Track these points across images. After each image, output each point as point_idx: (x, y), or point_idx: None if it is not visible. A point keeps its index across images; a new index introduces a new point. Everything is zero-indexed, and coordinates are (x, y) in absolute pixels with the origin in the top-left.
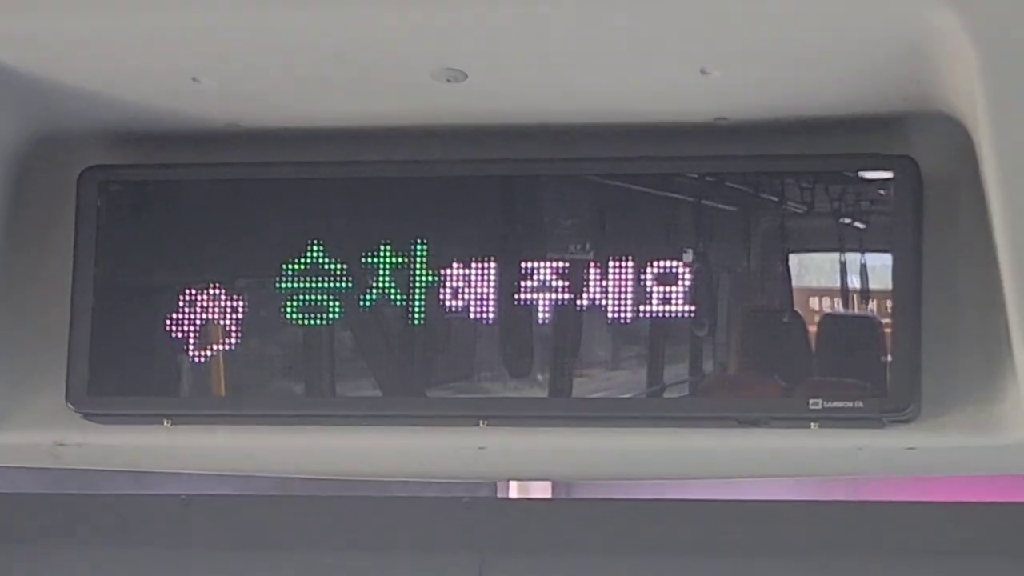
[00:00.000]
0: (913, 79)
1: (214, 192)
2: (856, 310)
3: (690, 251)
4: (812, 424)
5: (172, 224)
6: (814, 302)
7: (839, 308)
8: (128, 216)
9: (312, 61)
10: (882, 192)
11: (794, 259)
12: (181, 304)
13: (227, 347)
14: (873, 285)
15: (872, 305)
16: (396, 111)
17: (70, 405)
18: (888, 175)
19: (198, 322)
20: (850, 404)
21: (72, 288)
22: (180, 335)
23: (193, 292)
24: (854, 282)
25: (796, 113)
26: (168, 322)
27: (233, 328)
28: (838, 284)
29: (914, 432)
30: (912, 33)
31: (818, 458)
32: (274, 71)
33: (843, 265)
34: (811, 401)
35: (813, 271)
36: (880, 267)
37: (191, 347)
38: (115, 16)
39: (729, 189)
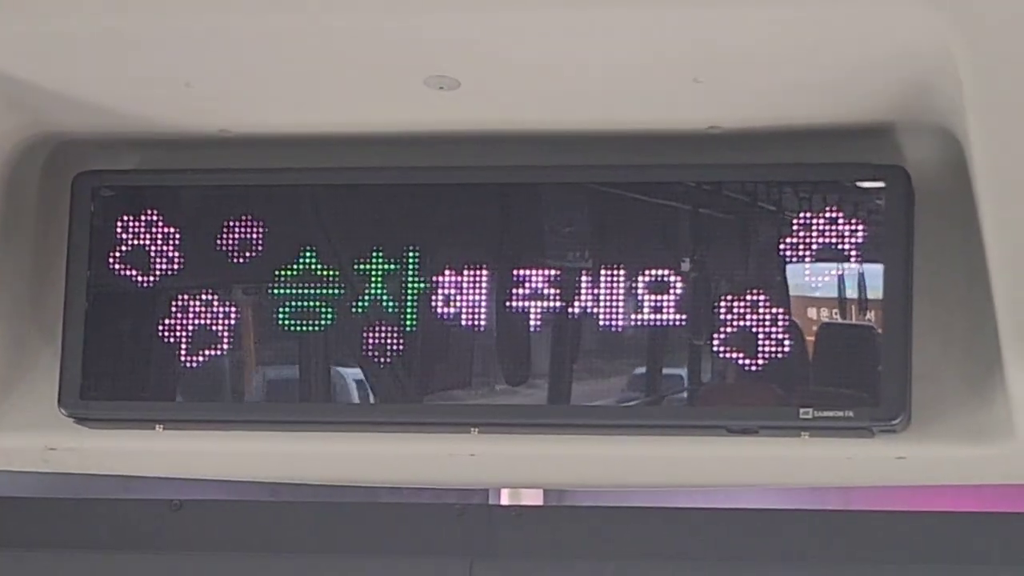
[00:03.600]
0: (904, 90)
1: (206, 198)
2: (846, 320)
3: (682, 259)
4: (803, 434)
5: (165, 229)
6: (805, 312)
7: (829, 318)
8: (121, 221)
9: (304, 68)
10: (873, 201)
11: (785, 268)
12: (173, 309)
13: (219, 352)
14: (863, 295)
15: (862, 315)
16: (389, 118)
17: (62, 409)
18: (879, 185)
19: (190, 327)
20: (840, 414)
21: (65, 292)
22: (172, 340)
23: (185, 297)
24: (844, 292)
25: (788, 123)
26: (160, 327)
27: (225, 333)
28: (828, 294)
29: (904, 441)
30: (903, 45)
31: (809, 467)
32: (266, 78)
33: (833, 274)
34: (802, 411)
35: (803, 280)
36: (871, 277)
37: (183, 352)
38: (109, 21)
39: (721, 197)
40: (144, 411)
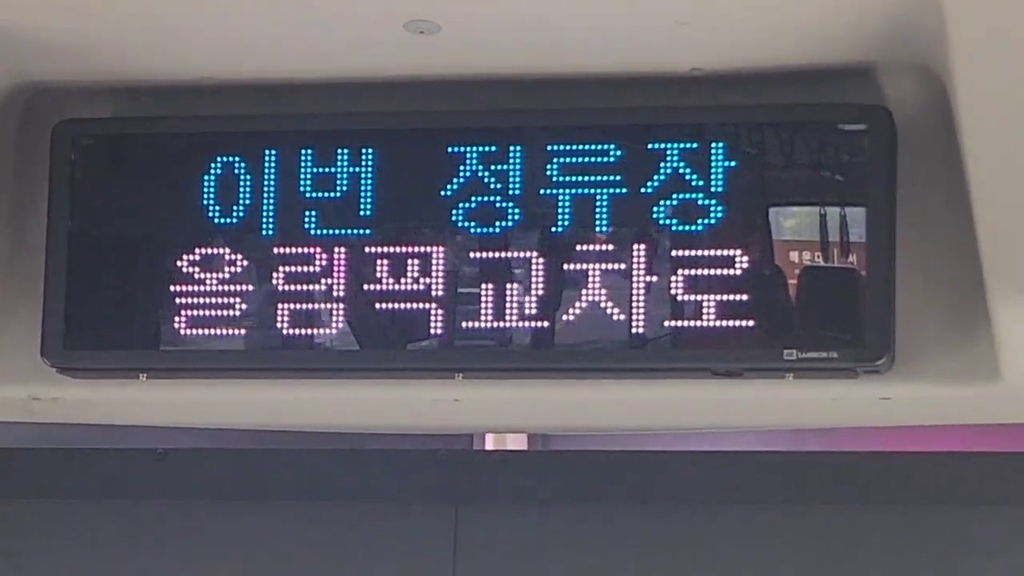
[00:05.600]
0: (886, 29)
1: (187, 145)
2: (830, 262)
3: (665, 202)
4: (787, 375)
5: (146, 178)
6: (788, 254)
7: (813, 260)
8: (102, 170)
9: (284, 13)
10: (856, 142)
11: (768, 210)
12: (156, 258)
13: (202, 301)
14: (847, 236)
15: (846, 256)
16: (369, 64)
17: (45, 359)
18: (862, 125)
19: (173, 275)
20: (824, 355)
21: (47, 242)
22: (154, 289)
23: (168, 246)
24: (828, 234)
25: (770, 64)
26: (143, 276)
27: (208, 281)
28: (812, 236)
29: (888, 382)
30: None
31: (793, 409)
32: (248, 24)
33: (817, 216)
34: (786, 352)
35: (787, 223)
36: (854, 217)
37: (166, 301)
38: None
39: (703, 139)
40: (127, 360)
